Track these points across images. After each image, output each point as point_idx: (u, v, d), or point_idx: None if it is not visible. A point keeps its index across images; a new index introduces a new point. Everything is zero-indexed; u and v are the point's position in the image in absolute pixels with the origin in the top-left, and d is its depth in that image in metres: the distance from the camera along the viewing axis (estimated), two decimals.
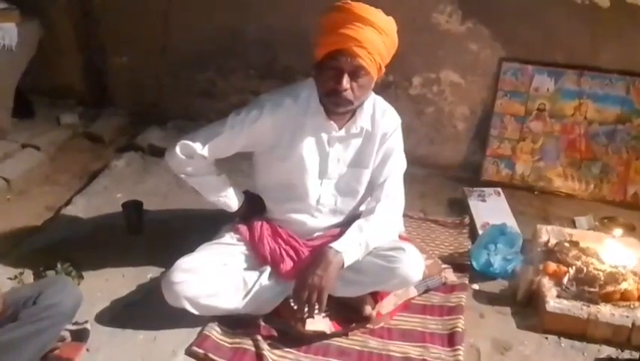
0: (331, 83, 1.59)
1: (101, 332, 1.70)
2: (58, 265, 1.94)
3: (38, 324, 1.45)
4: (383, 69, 1.66)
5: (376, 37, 1.57)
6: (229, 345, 1.65)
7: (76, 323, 1.65)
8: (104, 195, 2.50)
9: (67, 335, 1.62)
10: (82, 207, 2.40)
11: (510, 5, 2.50)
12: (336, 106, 1.65)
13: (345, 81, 1.57)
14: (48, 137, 2.94)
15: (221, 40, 2.91)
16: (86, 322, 1.69)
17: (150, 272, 2.01)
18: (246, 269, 1.79)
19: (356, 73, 1.58)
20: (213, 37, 2.90)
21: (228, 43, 2.91)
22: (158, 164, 2.79)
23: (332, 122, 1.72)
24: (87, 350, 1.63)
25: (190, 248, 1.82)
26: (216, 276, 1.71)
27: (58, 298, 1.50)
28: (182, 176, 1.82)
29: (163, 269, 1.99)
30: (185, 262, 1.70)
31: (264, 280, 1.74)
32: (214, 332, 1.68)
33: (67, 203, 2.44)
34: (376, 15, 1.58)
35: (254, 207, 1.92)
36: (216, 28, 2.87)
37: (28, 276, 1.93)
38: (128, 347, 1.65)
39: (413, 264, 1.67)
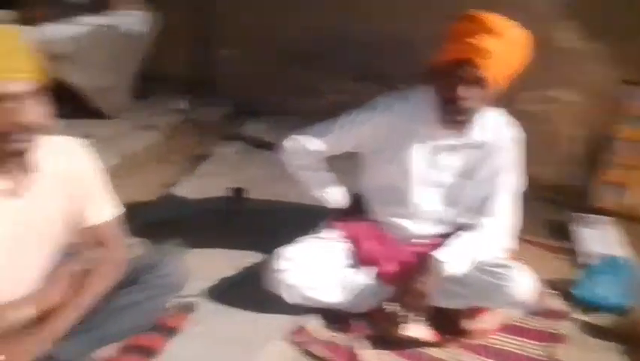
0: (451, 91, 1.58)
1: (204, 306, 1.79)
2: (169, 240, 2.07)
3: (155, 291, 1.55)
4: (507, 83, 1.62)
5: (505, 50, 1.54)
6: (324, 338, 1.68)
7: (182, 296, 1.75)
8: (209, 179, 2.64)
9: (176, 305, 1.72)
10: (190, 189, 2.55)
11: (637, 26, 2.36)
12: (453, 114, 1.63)
13: (465, 90, 1.55)
14: (160, 119, 3.15)
15: (327, 40, 2.97)
16: (192, 295, 1.80)
17: (249, 257, 2.09)
18: (345, 266, 1.81)
19: (477, 83, 1.56)
20: (320, 36, 2.97)
21: (333, 43, 2.97)
22: (258, 154, 2.91)
23: (444, 130, 1.71)
24: (191, 321, 1.72)
25: (287, 238, 1.87)
26: (317, 269, 1.75)
27: (174, 269, 1.59)
28: (292, 169, 1.87)
29: (261, 255, 2.07)
30: (287, 252, 1.75)
31: (364, 279, 1.76)
32: (310, 323, 1.72)
33: (177, 183, 2.60)
34: (509, 28, 1.54)
35: (355, 206, 1.95)
36: (324, 28, 2.94)
37: (142, 246, 2.07)
38: (229, 325, 1.72)
39: (523, 284, 1.62)
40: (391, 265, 1.76)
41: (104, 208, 1.49)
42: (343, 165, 2.14)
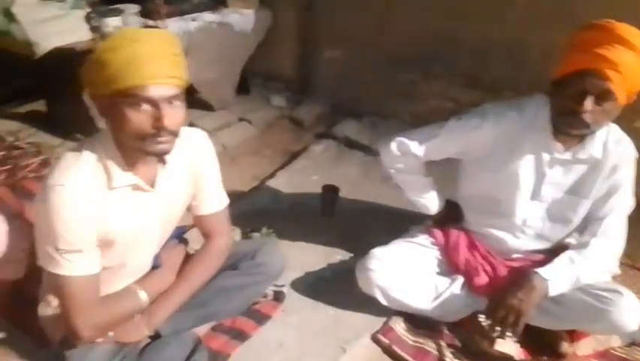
0: (571, 102, 1.49)
1: (295, 297, 1.85)
2: (263, 229, 2.16)
3: (253, 277, 1.63)
4: (634, 97, 1.52)
5: (635, 62, 1.44)
6: (411, 342, 1.69)
7: (275, 285, 1.82)
8: (302, 175, 2.70)
9: (269, 293, 1.79)
10: (283, 182, 2.63)
11: None
12: (571, 127, 1.54)
13: (588, 103, 1.47)
14: (259, 114, 3.27)
15: (433, 44, 2.93)
16: (284, 285, 1.86)
17: (339, 254, 2.12)
18: (438, 274, 1.80)
19: (602, 96, 1.47)
20: (425, 40, 2.94)
21: (439, 48, 2.92)
22: (350, 154, 2.94)
23: (558, 142, 1.63)
24: (282, 310, 1.79)
25: (377, 239, 1.89)
26: (409, 273, 1.75)
27: (271, 259, 1.66)
28: (391, 171, 1.87)
29: (351, 254, 2.11)
30: (381, 252, 1.76)
31: (456, 289, 1.73)
32: (398, 326, 1.73)
33: (271, 176, 2.69)
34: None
35: (451, 213, 1.92)
36: (430, 32, 2.90)
37: (236, 234, 2.16)
38: (319, 318, 1.77)
39: (630, 311, 1.52)
40: (484, 278, 1.72)
41: (217, 199, 1.58)
42: (440, 170, 2.12)
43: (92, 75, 1.23)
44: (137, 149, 1.27)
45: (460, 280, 1.75)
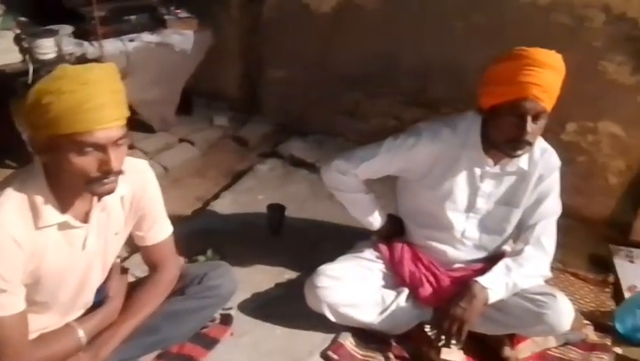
0: (514, 129, 1.54)
1: (243, 319, 1.84)
2: (209, 252, 2.12)
3: (202, 301, 1.60)
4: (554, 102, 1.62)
5: (554, 78, 1.55)
6: (361, 357, 1.71)
7: (222, 308, 1.79)
8: (248, 195, 2.69)
9: (217, 316, 1.76)
10: (228, 203, 2.60)
11: None
12: (516, 150, 1.59)
13: (529, 126, 1.53)
14: (202, 134, 3.23)
15: (375, 64, 3.01)
16: (231, 308, 1.84)
17: (287, 274, 2.12)
18: (384, 287, 1.83)
19: (537, 116, 1.55)
20: (368, 60, 3.02)
21: (381, 68, 3.01)
22: (297, 173, 2.95)
23: (488, 157, 1.71)
24: (231, 333, 1.76)
25: (324, 256, 1.91)
26: (357, 288, 1.77)
27: (220, 282, 1.63)
28: (333, 191, 1.91)
29: (299, 273, 2.12)
30: (329, 269, 1.78)
31: (402, 301, 1.77)
32: (348, 341, 1.75)
33: (216, 197, 2.66)
34: (554, 57, 1.54)
35: (395, 228, 1.97)
36: (372, 52, 2.99)
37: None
38: (268, 339, 1.76)
39: (564, 313, 1.61)
40: (429, 289, 1.78)
41: (161, 228, 1.55)
42: (381, 186, 2.17)
43: (32, 116, 1.15)
44: (81, 190, 1.22)
45: (406, 292, 1.80)
